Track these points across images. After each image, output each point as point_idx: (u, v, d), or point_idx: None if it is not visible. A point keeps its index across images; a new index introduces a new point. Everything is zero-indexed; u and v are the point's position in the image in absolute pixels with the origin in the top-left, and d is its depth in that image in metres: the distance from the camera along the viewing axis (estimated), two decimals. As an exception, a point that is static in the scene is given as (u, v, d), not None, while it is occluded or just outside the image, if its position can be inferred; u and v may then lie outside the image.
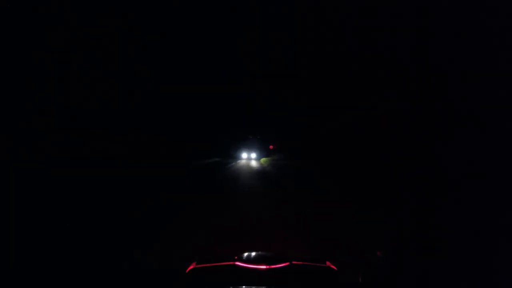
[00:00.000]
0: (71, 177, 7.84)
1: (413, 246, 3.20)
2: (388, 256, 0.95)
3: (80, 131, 12.33)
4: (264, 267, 1.04)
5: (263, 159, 35.70)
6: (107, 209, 5.72)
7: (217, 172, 17.67)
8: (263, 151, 43.09)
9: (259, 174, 17.95)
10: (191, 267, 1.09)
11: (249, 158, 41.40)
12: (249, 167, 24.08)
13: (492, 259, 2.55)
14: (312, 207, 6.96)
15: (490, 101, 6.66)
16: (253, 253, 1.13)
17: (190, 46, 26.41)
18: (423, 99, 8.81)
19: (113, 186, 7.58)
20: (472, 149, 6.82)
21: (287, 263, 1.05)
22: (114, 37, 16.29)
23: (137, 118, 17.67)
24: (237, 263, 1.06)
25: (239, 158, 39.46)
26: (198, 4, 22.29)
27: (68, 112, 12.54)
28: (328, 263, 1.13)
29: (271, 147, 41.50)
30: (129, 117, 16.31)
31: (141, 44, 19.12)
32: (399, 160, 8.97)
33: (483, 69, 6.74)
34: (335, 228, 5.04)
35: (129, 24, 17.26)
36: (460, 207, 5.34)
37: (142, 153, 15.37)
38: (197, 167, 19.25)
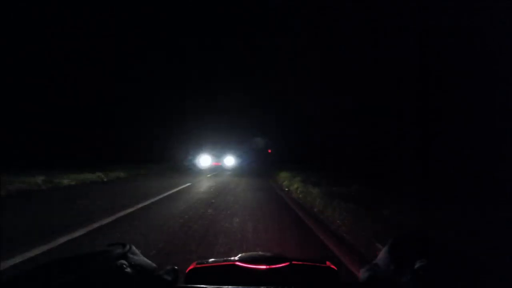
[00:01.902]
0: None
1: (413, 245, 3.19)
2: (388, 256, 0.95)
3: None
4: (264, 267, 1.04)
5: (283, 174, 14.27)
6: None
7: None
8: (258, 157, 27.58)
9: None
10: (191, 267, 1.09)
11: (224, 167, 22.62)
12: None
13: (492, 259, 2.55)
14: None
15: (489, 101, 6.67)
16: (253, 253, 1.13)
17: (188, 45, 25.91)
18: (423, 99, 8.81)
19: None
20: (471, 148, 6.83)
21: (287, 263, 1.06)
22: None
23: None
24: (237, 263, 1.06)
25: (201, 170, 19.63)
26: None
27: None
28: (328, 263, 1.13)
29: (269, 150, 30.34)
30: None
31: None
32: (399, 159, 8.97)
33: (482, 69, 6.75)
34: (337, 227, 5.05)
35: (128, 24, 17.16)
36: (460, 206, 5.34)
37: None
38: None
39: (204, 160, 22.80)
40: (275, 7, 19.21)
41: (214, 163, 23.22)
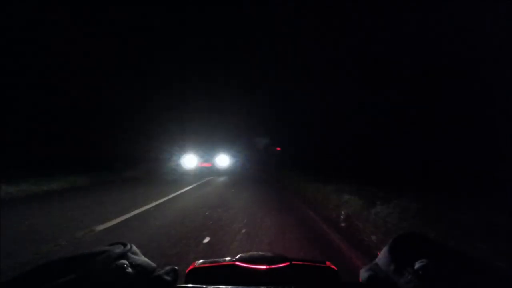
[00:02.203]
0: None
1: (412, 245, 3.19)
2: (388, 256, 0.95)
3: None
4: (264, 267, 1.04)
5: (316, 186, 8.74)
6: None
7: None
8: (261, 157, 22.17)
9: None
10: (191, 267, 1.09)
11: (217, 169, 17.57)
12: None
13: (491, 259, 2.55)
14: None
15: (490, 101, 6.68)
16: (253, 253, 1.13)
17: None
18: (424, 99, 8.82)
19: None
20: (470, 148, 6.84)
21: (287, 263, 1.06)
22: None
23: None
24: (237, 263, 1.06)
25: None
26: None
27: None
28: (328, 263, 1.13)
29: (278, 148, 26.63)
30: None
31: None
32: (399, 158, 8.97)
33: (481, 69, 6.75)
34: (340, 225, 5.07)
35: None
36: (459, 206, 5.34)
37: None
38: None
39: (189, 161, 17.82)
40: (275, 6, 19.17)
41: (202, 163, 17.83)
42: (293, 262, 1.07)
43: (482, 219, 3.82)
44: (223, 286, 0.94)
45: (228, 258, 1.12)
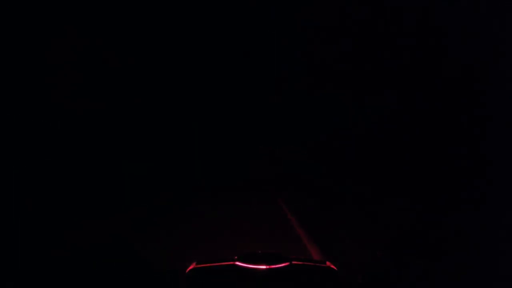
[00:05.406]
0: None
1: (413, 245, 3.19)
2: (388, 256, 0.95)
3: None
4: (264, 267, 1.04)
5: None
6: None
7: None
8: None
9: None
10: (190, 267, 1.10)
11: None
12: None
13: (491, 260, 2.54)
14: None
15: (495, 102, 6.65)
16: (253, 253, 1.13)
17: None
18: (429, 100, 8.76)
19: None
20: (471, 149, 6.81)
21: (287, 263, 1.06)
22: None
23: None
24: (237, 263, 1.06)
25: None
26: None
27: None
28: (328, 263, 1.13)
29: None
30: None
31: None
32: (400, 161, 8.93)
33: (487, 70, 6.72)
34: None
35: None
36: (460, 207, 5.33)
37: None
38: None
39: None
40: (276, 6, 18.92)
41: None
42: (293, 262, 1.07)
43: None
44: (223, 287, 0.94)
45: (228, 257, 1.12)
